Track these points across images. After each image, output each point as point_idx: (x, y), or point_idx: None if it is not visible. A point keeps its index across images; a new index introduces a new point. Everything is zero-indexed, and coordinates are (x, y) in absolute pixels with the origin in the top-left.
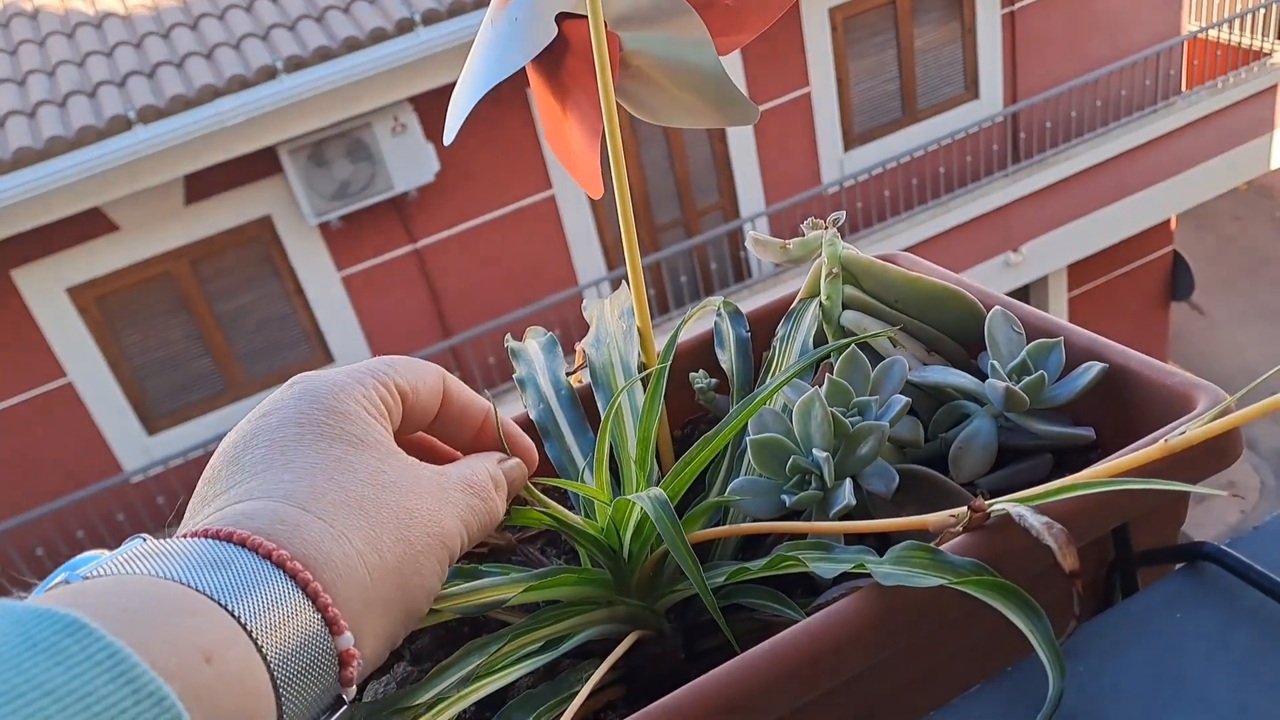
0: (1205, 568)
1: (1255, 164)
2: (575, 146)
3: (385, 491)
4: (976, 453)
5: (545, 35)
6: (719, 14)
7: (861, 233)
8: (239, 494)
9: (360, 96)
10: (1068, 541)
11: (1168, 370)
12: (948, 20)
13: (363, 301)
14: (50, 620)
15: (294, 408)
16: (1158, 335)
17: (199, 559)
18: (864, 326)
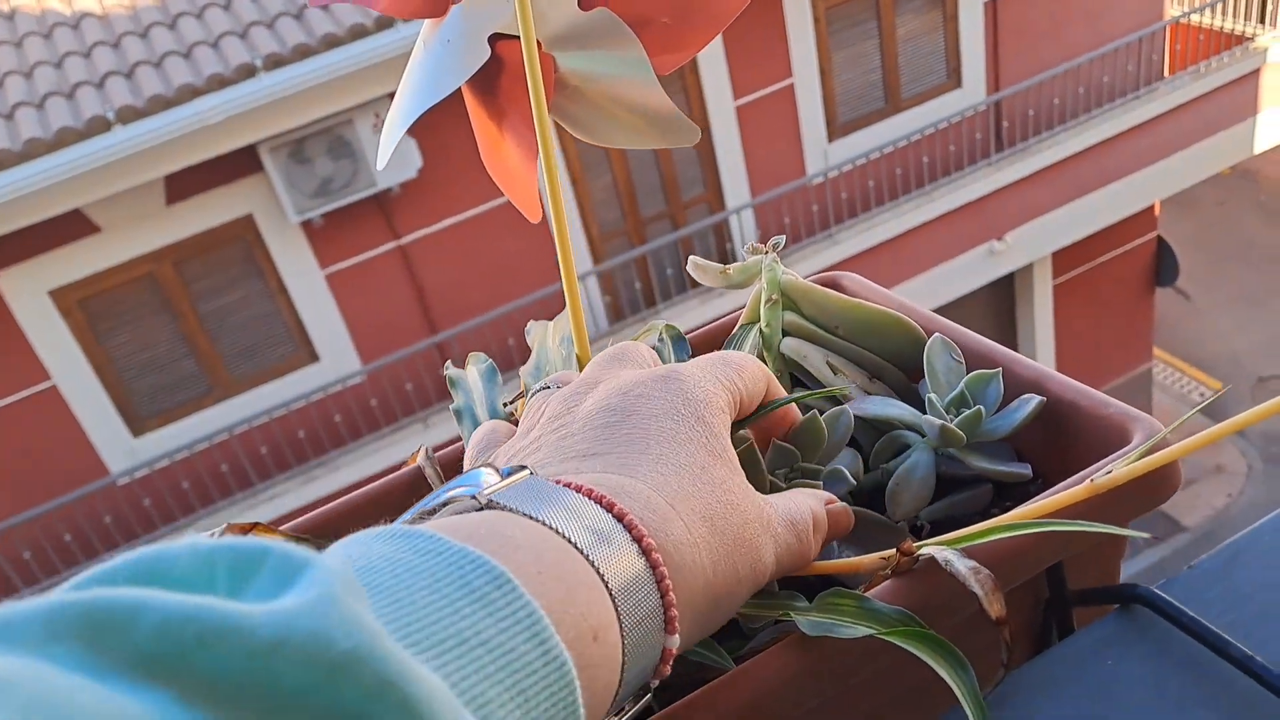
0: (1139, 610)
1: (1238, 148)
2: (512, 169)
3: (731, 511)
4: (914, 488)
5: (479, 56)
6: (656, 32)
7: (847, 223)
8: (612, 463)
9: (341, 93)
10: (994, 588)
11: (1104, 401)
12: (929, 9)
13: (347, 299)
14: (483, 569)
15: (669, 402)
16: (1143, 321)
17: (594, 526)
18: (804, 354)
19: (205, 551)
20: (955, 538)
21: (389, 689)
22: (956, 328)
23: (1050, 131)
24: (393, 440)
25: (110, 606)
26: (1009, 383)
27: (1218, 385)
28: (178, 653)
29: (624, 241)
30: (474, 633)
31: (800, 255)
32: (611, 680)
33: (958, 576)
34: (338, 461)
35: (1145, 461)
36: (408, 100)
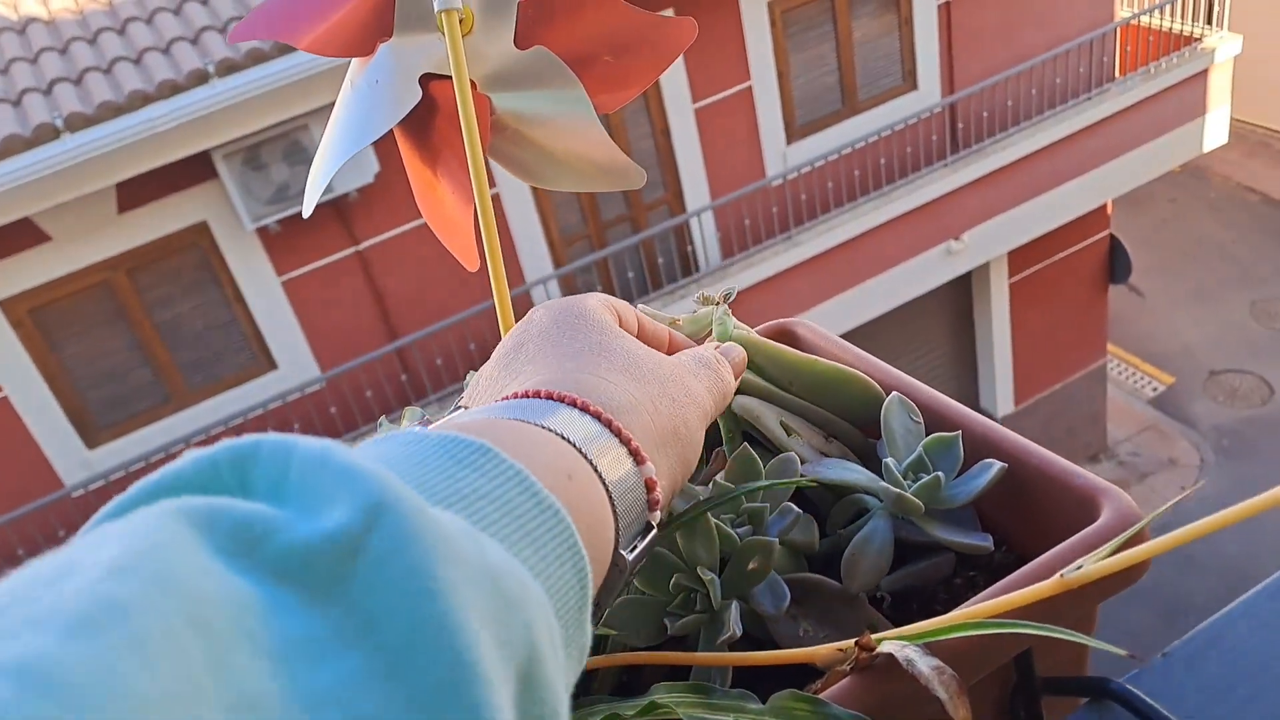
0: (1111, 706)
1: (1188, 147)
2: (448, 214)
3: (644, 361)
4: (871, 558)
5: (410, 98)
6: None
7: (806, 224)
8: (527, 377)
9: (295, 98)
10: (959, 691)
11: (1072, 471)
12: (884, 12)
13: (304, 306)
14: (466, 444)
15: (548, 317)
16: (1097, 319)
17: (533, 408)
18: (756, 414)
19: (206, 459)
20: (917, 632)
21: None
22: (915, 384)
23: (1004, 132)
24: None
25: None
26: (970, 445)
27: (1170, 380)
28: (249, 546)
29: (585, 245)
30: (472, 489)
31: (760, 257)
32: (603, 515)
33: (920, 679)
34: None
35: (1117, 560)
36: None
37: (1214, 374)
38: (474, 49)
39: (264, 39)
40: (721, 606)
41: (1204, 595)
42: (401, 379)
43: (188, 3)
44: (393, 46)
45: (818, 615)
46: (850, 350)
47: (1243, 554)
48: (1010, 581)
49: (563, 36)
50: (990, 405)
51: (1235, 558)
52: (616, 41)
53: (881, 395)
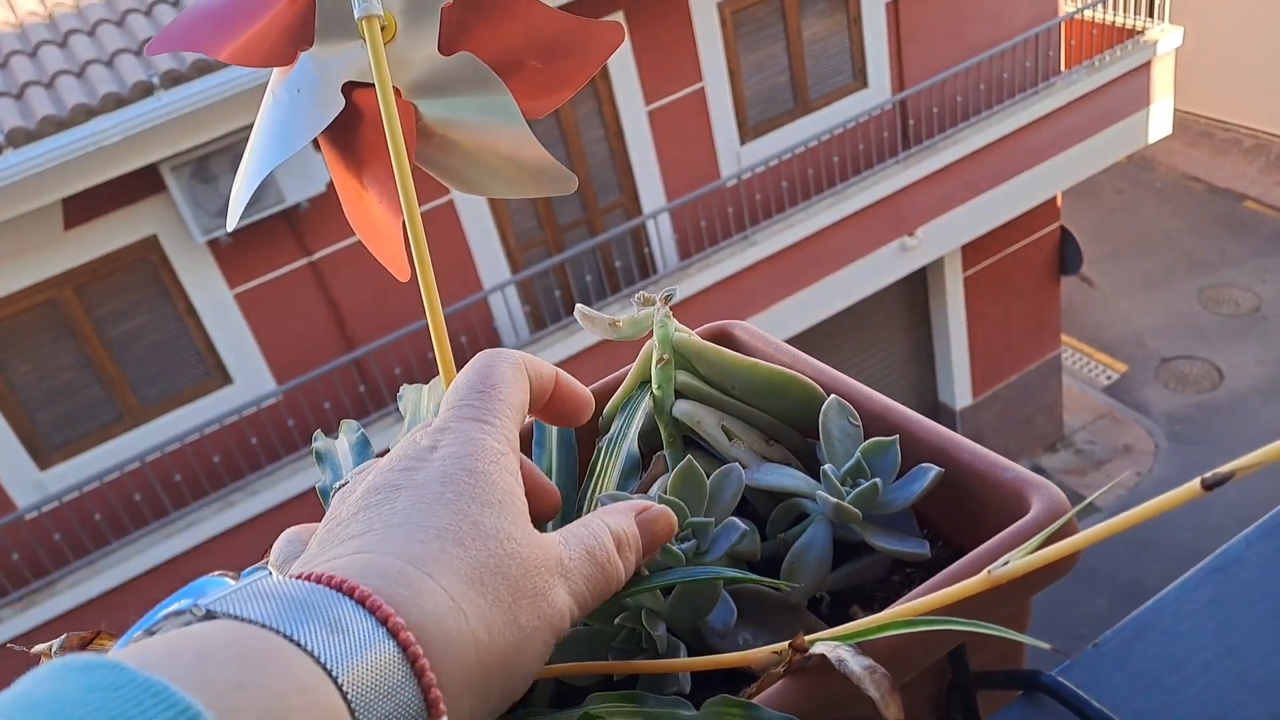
0: (1043, 699)
1: (1134, 138)
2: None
3: (507, 562)
4: (811, 566)
5: (332, 107)
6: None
7: (762, 224)
8: (370, 542)
9: (243, 109)
10: (891, 689)
11: (1003, 465)
12: (833, 11)
13: (258, 318)
14: (167, 703)
15: (437, 466)
16: (1050, 309)
17: (326, 615)
18: (698, 419)
19: None
20: (849, 631)
21: None
22: (854, 386)
23: (955, 128)
24: (312, 460)
25: None
26: (908, 446)
27: (1124, 368)
28: None
29: (542, 250)
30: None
31: (718, 258)
32: None
33: (852, 679)
34: (256, 485)
35: (1043, 554)
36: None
37: (1165, 361)
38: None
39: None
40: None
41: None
42: (360, 390)
43: (130, 14)
44: (314, 55)
45: (756, 622)
46: (788, 351)
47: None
48: (940, 579)
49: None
50: (949, 398)
51: (1189, 545)
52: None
53: (822, 397)
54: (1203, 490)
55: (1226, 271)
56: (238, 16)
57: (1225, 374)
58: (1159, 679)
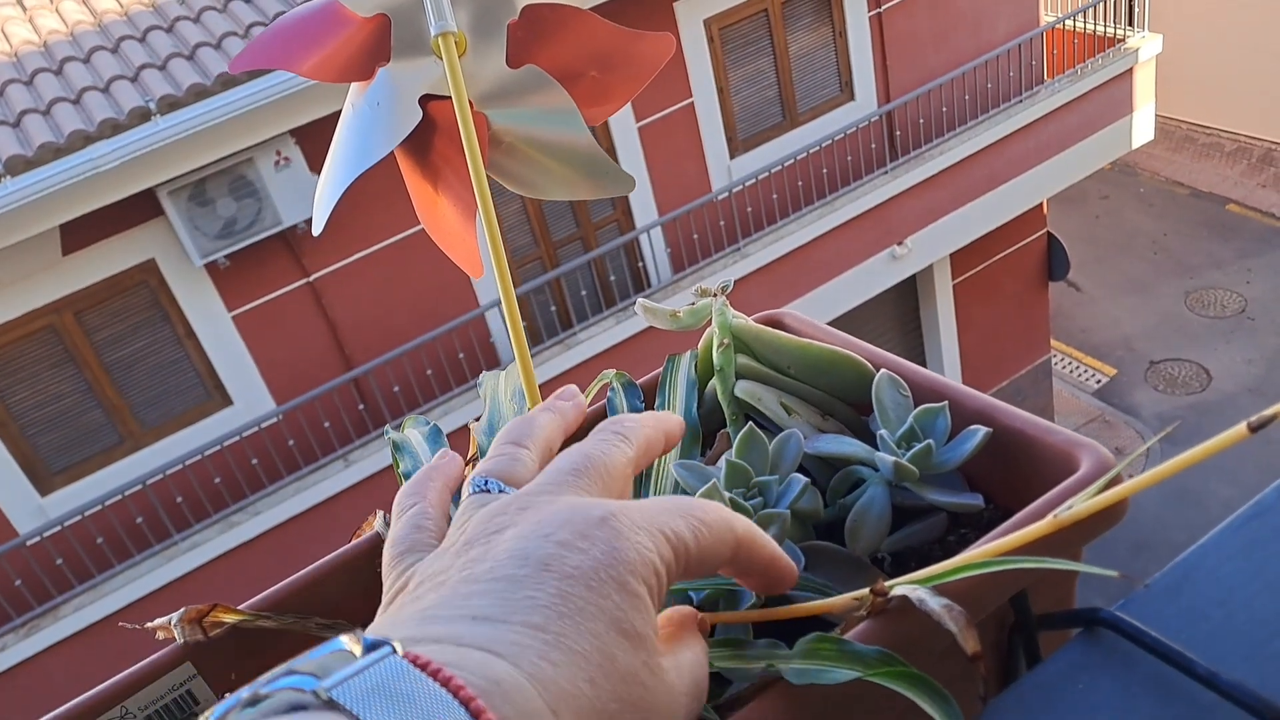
0: (1102, 633)
1: (1118, 144)
2: (451, 227)
3: (629, 713)
4: (872, 524)
5: (410, 119)
6: (586, 85)
7: (754, 235)
8: (502, 637)
9: (240, 132)
10: (968, 624)
11: (1049, 428)
12: (819, 25)
13: (257, 340)
14: None
15: (591, 558)
16: (1039, 315)
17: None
18: (758, 396)
19: None
20: (925, 576)
21: None
22: (902, 362)
23: (941, 138)
24: (313, 480)
25: None
26: (955, 414)
27: (1113, 371)
28: None
29: (537, 266)
30: None
31: (710, 270)
32: None
33: (932, 615)
34: (258, 506)
35: (1105, 496)
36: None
37: (1154, 363)
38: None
39: (264, 68)
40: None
41: None
42: (360, 409)
43: (125, 40)
44: (391, 70)
45: (827, 576)
46: (836, 334)
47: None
48: (1007, 526)
49: (551, 55)
50: None
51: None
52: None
53: (872, 373)
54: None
55: (1212, 274)
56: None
57: (1213, 375)
58: (1206, 613)
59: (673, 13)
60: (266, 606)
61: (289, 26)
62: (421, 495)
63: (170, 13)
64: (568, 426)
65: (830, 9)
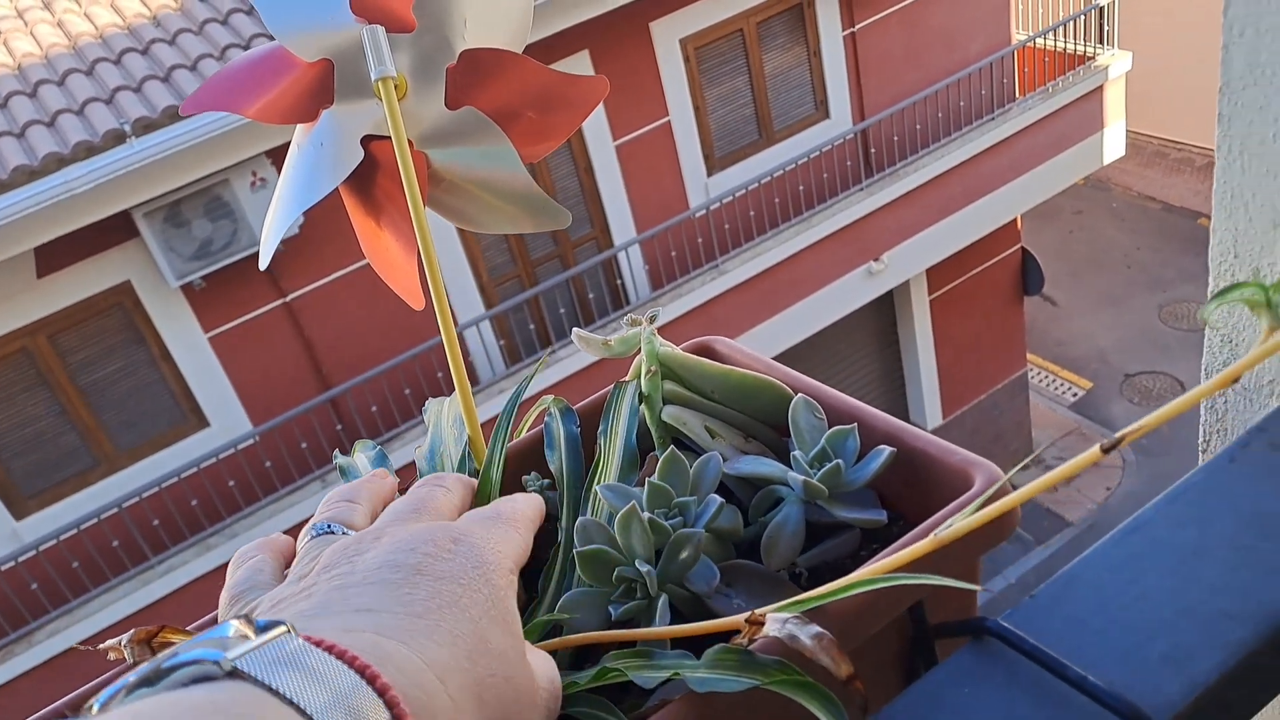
0: (989, 641)
1: (1089, 160)
2: (394, 260)
3: (504, 686)
4: (786, 540)
5: (353, 158)
6: (523, 125)
7: (732, 252)
8: (388, 624)
9: (215, 154)
10: (839, 654)
11: (949, 449)
12: (793, 45)
13: (233, 361)
14: None
15: (458, 564)
16: (1015, 329)
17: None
18: (684, 421)
19: None
20: (815, 596)
21: None
22: (818, 386)
23: (915, 155)
24: (290, 501)
25: None
26: (865, 435)
27: (1088, 384)
28: None
29: (515, 284)
30: None
31: (689, 287)
32: None
33: (804, 652)
34: (235, 528)
35: (981, 515)
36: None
37: (1129, 376)
38: (409, 111)
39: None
40: (657, 594)
41: None
42: (337, 429)
43: (100, 63)
44: (335, 112)
45: (745, 592)
46: (762, 360)
47: None
48: (895, 546)
49: (489, 97)
50: (920, 418)
51: None
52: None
53: (791, 397)
54: (1101, 454)
55: (1184, 287)
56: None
57: (1187, 386)
58: (1085, 621)
59: (649, 33)
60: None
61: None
62: (265, 550)
63: (145, 35)
64: (386, 493)
65: (805, 28)
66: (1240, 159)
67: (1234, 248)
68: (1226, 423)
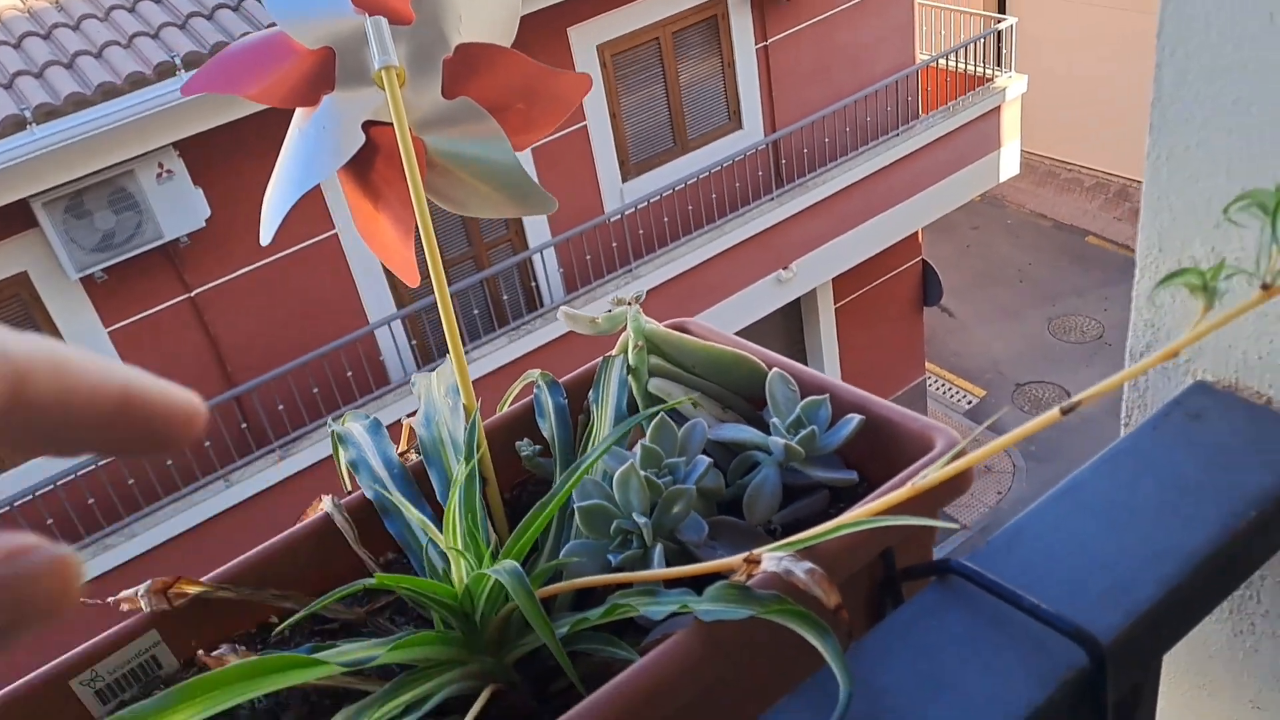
0: (952, 579)
1: (986, 178)
2: (389, 241)
3: None
4: (765, 499)
5: (354, 142)
6: (512, 117)
7: (646, 258)
8: None
9: (121, 144)
10: (828, 585)
11: (912, 416)
12: (708, 55)
13: (134, 356)
14: None
15: None
16: (915, 338)
17: None
18: (668, 392)
19: None
20: (807, 537)
21: None
22: (790, 362)
23: (824, 168)
24: (193, 500)
25: None
26: (835, 405)
27: (982, 393)
28: None
29: (427, 284)
30: None
31: (602, 291)
32: None
33: (798, 584)
34: (134, 528)
35: (952, 466)
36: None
37: (1020, 385)
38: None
39: (215, 92)
40: (653, 543)
41: None
42: (242, 427)
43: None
44: (336, 98)
45: (730, 545)
46: (733, 339)
47: None
48: (876, 494)
49: (482, 88)
50: None
51: None
52: (526, 92)
53: (765, 372)
54: (1061, 415)
55: (1073, 301)
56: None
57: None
58: (1035, 564)
59: (566, 38)
60: (226, 579)
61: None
62: None
63: (48, 19)
64: None
65: (719, 40)
66: (1167, 165)
67: (1159, 243)
68: (1147, 399)
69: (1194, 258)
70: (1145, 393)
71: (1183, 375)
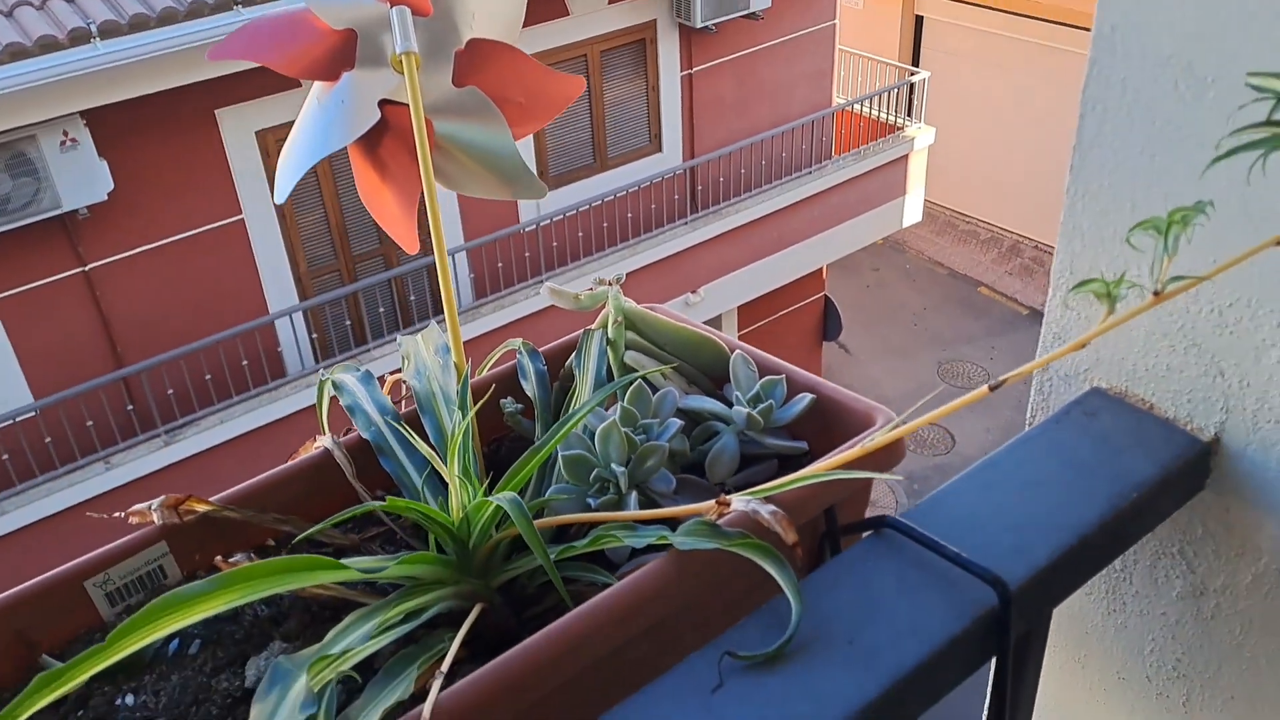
0: (887, 533)
1: (890, 222)
2: (393, 211)
3: None
4: (725, 460)
5: (369, 118)
6: (512, 108)
7: (557, 270)
8: None
9: (24, 108)
10: (788, 524)
11: (856, 398)
12: (634, 77)
13: (19, 328)
14: None
15: None
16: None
17: None
18: (643, 364)
19: None
20: (766, 488)
21: None
22: (750, 347)
23: (738, 197)
24: (70, 480)
25: None
26: (789, 386)
27: None
28: None
29: (335, 278)
30: None
31: (511, 299)
32: None
33: (762, 522)
34: (4, 505)
35: (894, 433)
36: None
37: None
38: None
39: (240, 59)
40: (628, 491)
41: None
42: (128, 409)
43: None
44: (355, 75)
45: (692, 498)
46: (696, 324)
47: None
48: (829, 455)
49: (488, 79)
50: None
51: None
52: (527, 88)
53: (728, 354)
54: (989, 391)
55: (962, 347)
56: (288, 37)
57: (957, 439)
58: (954, 524)
59: None
60: (233, 501)
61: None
62: None
63: None
64: None
65: (645, 64)
66: (1083, 200)
67: (1070, 266)
68: (1050, 401)
69: (1101, 275)
70: (1049, 396)
71: (1082, 382)
